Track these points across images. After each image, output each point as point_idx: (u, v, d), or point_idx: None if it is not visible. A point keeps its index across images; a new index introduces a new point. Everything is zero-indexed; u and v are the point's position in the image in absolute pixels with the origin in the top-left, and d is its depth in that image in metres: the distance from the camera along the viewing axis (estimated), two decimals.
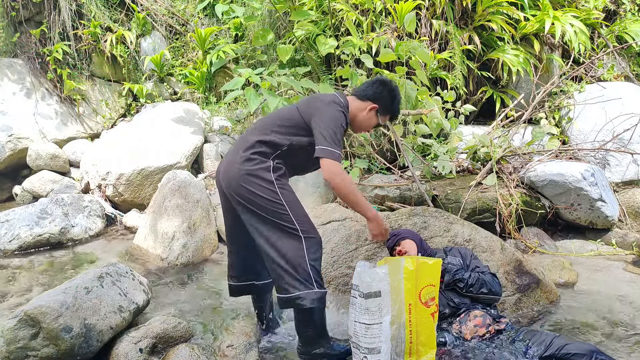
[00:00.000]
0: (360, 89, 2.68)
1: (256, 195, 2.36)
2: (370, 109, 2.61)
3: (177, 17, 7.01)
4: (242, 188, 2.38)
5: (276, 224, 2.36)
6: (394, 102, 2.67)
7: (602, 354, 2.31)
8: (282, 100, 4.22)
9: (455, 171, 4.69)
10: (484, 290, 2.73)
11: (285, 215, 2.36)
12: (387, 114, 2.68)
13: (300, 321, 2.45)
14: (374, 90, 2.63)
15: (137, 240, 4.33)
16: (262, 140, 2.44)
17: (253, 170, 2.38)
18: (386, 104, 2.64)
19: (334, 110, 2.45)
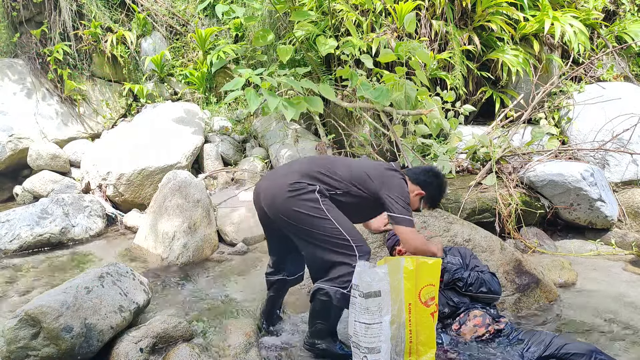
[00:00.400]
0: (414, 172, 2.81)
1: (303, 214, 2.49)
2: (417, 194, 2.72)
3: (177, 17, 7.02)
4: (288, 209, 2.52)
5: (324, 236, 2.48)
6: (440, 195, 2.81)
7: (601, 353, 2.32)
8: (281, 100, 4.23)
9: (455, 171, 4.70)
10: (483, 289, 2.73)
11: (334, 229, 2.48)
12: (429, 202, 2.80)
13: (316, 312, 2.53)
14: (426, 178, 2.76)
15: (138, 240, 4.34)
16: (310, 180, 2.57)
17: (299, 195, 2.51)
18: (433, 195, 2.77)
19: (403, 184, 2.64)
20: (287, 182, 2.56)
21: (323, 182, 2.58)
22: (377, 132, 5.17)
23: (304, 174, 2.58)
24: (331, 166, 2.66)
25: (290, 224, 2.54)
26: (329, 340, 2.53)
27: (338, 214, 2.55)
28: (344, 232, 2.49)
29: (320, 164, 2.67)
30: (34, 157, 5.61)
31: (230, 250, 4.26)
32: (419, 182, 2.74)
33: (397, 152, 4.89)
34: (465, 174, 4.82)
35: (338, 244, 2.47)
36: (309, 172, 2.60)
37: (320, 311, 2.52)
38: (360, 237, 2.57)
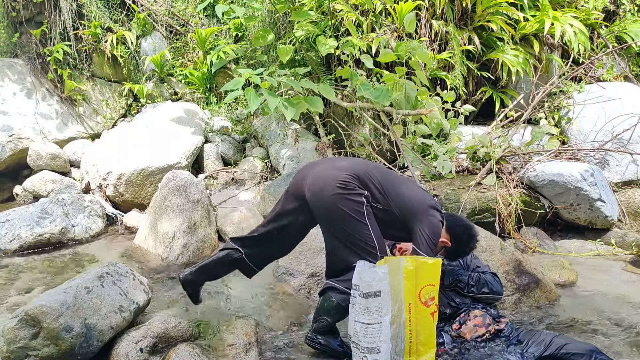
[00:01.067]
0: (455, 221, 2.81)
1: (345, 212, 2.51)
2: (443, 242, 2.71)
3: (177, 17, 7.02)
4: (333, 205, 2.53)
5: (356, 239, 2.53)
6: (464, 252, 2.82)
7: (601, 353, 2.32)
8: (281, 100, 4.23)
9: (454, 171, 4.70)
10: (485, 290, 2.74)
11: (368, 235, 2.53)
12: (448, 254, 2.81)
13: (323, 307, 2.57)
14: (462, 233, 2.76)
15: (138, 240, 4.34)
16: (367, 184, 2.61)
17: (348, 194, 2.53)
18: (456, 250, 2.78)
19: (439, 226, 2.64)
20: (340, 177, 2.56)
21: (371, 191, 2.61)
22: (377, 132, 5.17)
23: (358, 176, 2.61)
24: (382, 180, 2.68)
25: (329, 218, 2.57)
26: (329, 336, 2.56)
27: (374, 223, 2.59)
28: (375, 240, 2.54)
29: (374, 174, 2.69)
30: (34, 157, 5.61)
31: None
32: (453, 233, 2.75)
33: (397, 152, 4.89)
34: (465, 174, 4.82)
35: (365, 250, 2.52)
36: (362, 176, 2.62)
37: (327, 308, 2.56)
38: (385, 248, 2.62)
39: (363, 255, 2.51)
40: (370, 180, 2.63)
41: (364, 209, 2.55)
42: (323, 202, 2.57)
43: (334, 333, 2.59)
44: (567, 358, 2.32)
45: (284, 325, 2.89)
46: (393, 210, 2.63)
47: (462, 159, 5.01)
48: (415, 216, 2.62)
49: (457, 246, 2.76)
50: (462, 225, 2.83)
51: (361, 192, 2.57)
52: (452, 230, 2.75)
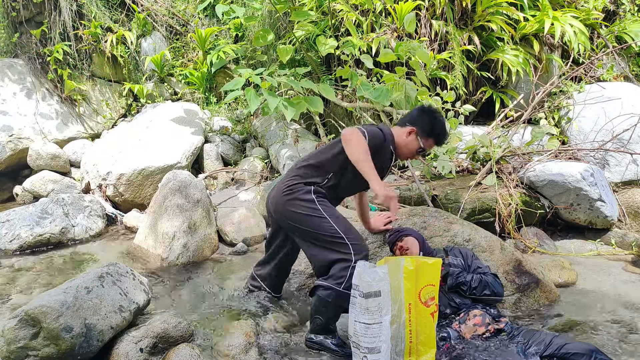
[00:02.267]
0: (402, 117, 2.87)
1: (300, 214, 2.60)
2: (409, 132, 2.72)
3: (177, 17, 7.02)
4: (288, 211, 2.64)
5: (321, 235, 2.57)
6: (434, 123, 2.74)
7: (601, 353, 2.32)
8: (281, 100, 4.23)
9: (454, 171, 4.70)
10: (486, 292, 2.74)
11: (330, 227, 2.56)
12: (429, 137, 2.74)
13: (314, 307, 2.61)
14: (411, 115, 2.80)
15: (138, 240, 4.34)
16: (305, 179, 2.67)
17: (295, 195, 2.63)
18: (424, 126, 2.72)
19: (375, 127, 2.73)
20: (284, 184, 2.68)
21: (316, 172, 2.66)
22: None
23: (298, 173, 2.69)
24: (317, 152, 2.77)
25: (292, 226, 2.66)
26: (325, 335, 2.58)
27: (334, 212, 2.63)
28: (339, 231, 2.55)
29: (309, 156, 2.79)
30: (34, 157, 5.61)
31: (230, 250, 4.26)
32: (406, 121, 2.77)
33: None
34: (465, 174, 4.82)
35: (334, 242, 2.55)
36: (301, 168, 2.70)
37: (317, 307, 2.60)
38: (357, 235, 2.63)
39: (334, 248, 2.54)
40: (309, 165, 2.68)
41: (316, 204, 2.58)
42: (281, 215, 2.67)
43: (330, 332, 2.60)
44: (567, 358, 2.32)
45: (283, 326, 2.88)
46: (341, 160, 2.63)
47: (462, 159, 5.01)
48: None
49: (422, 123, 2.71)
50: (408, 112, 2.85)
51: (308, 189, 2.61)
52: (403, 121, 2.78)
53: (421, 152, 2.78)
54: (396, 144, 2.74)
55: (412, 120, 2.75)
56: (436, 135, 2.75)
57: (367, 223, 3.25)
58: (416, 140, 2.72)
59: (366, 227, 3.27)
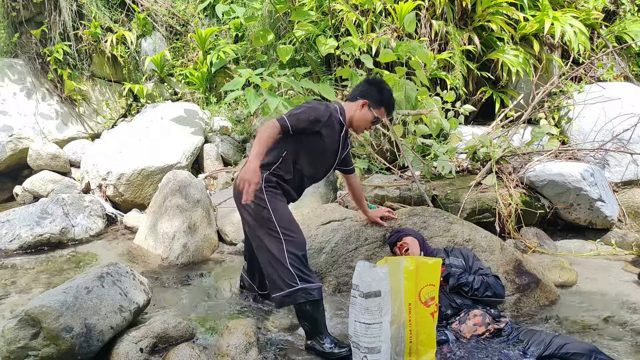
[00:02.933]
0: (351, 92, 2.88)
1: (248, 209, 2.63)
2: (362, 105, 2.77)
3: (177, 17, 7.02)
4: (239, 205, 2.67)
5: (263, 229, 2.59)
6: (382, 93, 2.80)
7: (601, 353, 2.32)
8: (281, 100, 4.23)
9: (455, 171, 4.70)
10: (488, 293, 2.74)
11: (269, 220, 2.57)
12: (380, 106, 2.80)
13: (297, 315, 2.63)
14: (361, 88, 2.83)
15: (138, 240, 4.34)
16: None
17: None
18: (374, 96, 2.78)
19: (315, 103, 2.67)
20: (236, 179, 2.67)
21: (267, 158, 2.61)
22: (377, 132, 5.17)
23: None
24: None
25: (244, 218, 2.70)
26: (316, 339, 2.58)
27: (278, 204, 2.62)
28: (277, 225, 2.56)
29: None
30: (34, 157, 5.61)
31: (230, 250, 4.25)
32: (356, 95, 2.80)
33: (397, 152, 4.90)
34: (465, 174, 4.82)
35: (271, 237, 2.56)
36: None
37: (299, 314, 2.61)
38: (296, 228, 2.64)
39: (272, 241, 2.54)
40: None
41: (263, 194, 2.58)
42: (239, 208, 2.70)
43: (321, 334, 2.58)
44: (567, 357, 2.32)
45: (283, 326, 2.89)
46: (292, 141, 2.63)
47: (462, 159, 5.01)
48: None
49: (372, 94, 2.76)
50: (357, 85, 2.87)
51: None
52: (353, 95, 2.81)
53: (375, 122, 2.85)
54: (351, 118, 2.79)
55: (362, 93, 2.80)
56: (386, 104, 2.83)
57: (364, 210, 3.29)
58: (369, 111, 2.78)
59: (364, 214, 3.32)
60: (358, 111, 2.78)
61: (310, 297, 2.50)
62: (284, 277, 2.51)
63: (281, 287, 2.53)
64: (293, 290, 2.50)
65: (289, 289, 2.51)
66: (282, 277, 2.52)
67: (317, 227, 3.54)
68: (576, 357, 2.30)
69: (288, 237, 2.56)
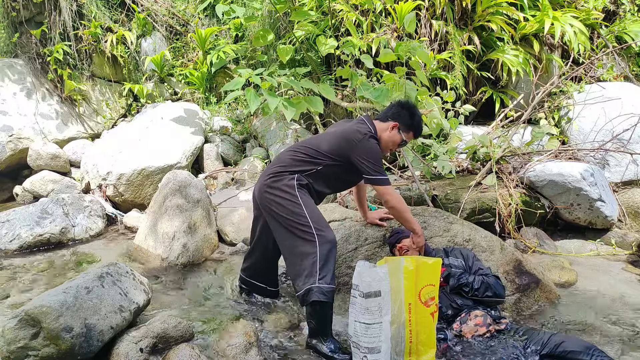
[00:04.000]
0: (382, 112, 2.98)
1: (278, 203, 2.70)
2: (392, 127, 2.87)
3: (177, 17, 7.02)
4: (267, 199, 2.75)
5: (293, 226, 2.65)
6: (414, 118, 2.91)
7: (598, 350, 2.32)
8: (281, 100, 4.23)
9: (455, 171, 4.70)
10: (488, 293, 2.75)
11: (302, 215, 2.64)
12: (410, 130, 2.91)
13: (307, 313, 2.65)
14: (393, 110, 2.92)
15: (138, 240, 4.34)
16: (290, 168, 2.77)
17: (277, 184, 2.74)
18: (406, 121, 2.88)
19: (371, 143, 2.75)
20: (269, 171, 2.79)
21: (301, 164, 2.76)
22: None
23: (283, 161, 2.79)
24: (309, 142, 2.86)
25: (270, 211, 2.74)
26: (320, 338, 2.60)
27: (310, 202, 2.71)
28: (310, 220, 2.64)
29: (299, 145, 2.87)
30: (34, 157, 5.61)
31: (230, 250, 4.26)
32: (389, 116, 2.89)
33: (397, 152, 4.90)
34: (465, 174, 4.82)
35: (304, 232, 2.62)
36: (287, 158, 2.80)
37: (309, 312, 2.63)
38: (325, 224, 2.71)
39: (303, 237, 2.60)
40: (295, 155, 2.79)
41: (295, 192, 2.68)
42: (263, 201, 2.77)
43: (325, 335, 2.60)
44: (565, 355, 2.32)
45: (284, 326, 2.89)
46: (330, 161, 2.76)
47: (462, 159, 5.01)
48: (347, 150, 2.74)
49: (403, 118, 2.86)
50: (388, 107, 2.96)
51: (291, 176, 2.72)
52: (386, 116, 2.90)
53: (403, 144, 2.94)
54: (380, 138, 2.86)
55: (394, 115, 2.88)
56: (416, 129, 2.93)
57: (364, 211, 3.40)
58: (399, 134, 2.87)
59: (363, 217, 3.42)
60: (388, 132, 2.86)
61: (323, 297, 2.53)
62: (307, 274, 2.57)
63: (301, 286, 2.59)
64: (309, 289, 2.54)
65: (307, 286, 2.55)
66: (305, 275, 2.57)
67: None
68: (574, 354, 2.30)
69: (320, 233, 2.62)
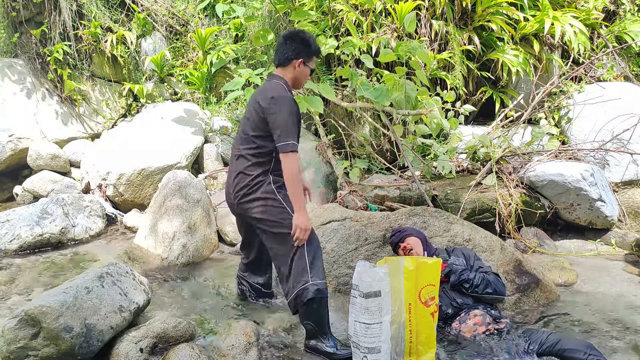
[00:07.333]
0: (279, 58, 2.79)
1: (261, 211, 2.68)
2: (298, 64, 2.76)
3: (177, 17, 7.02)
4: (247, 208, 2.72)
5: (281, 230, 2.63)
6: (309, 43, 2.79)
7: (595, 350, 2.33)
8: None
9: (454, 171, 4.70)
10: (489, 290, 2.75)
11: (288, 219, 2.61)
12: (312, 56, 2.82)
13: (300, 314, 2.63)
14: (289, 48, 2.76)
15: (138, 240, 4.34)
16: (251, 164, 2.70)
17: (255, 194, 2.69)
18: (305, 52, 2.78)
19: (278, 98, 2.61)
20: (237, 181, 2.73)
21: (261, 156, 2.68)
22: (377, 132, 5.17)
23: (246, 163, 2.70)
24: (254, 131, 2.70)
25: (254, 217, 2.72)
26: (319, 338, 2.59)
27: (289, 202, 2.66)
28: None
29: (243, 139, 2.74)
30: (34, 157, 5.61)
31: (230, 250, 4.26)
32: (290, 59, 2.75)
33: (397, 152, 4.90)
34: (465, 174, 4.83)
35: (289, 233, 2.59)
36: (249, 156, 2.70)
37: (303, 312, 2.61)
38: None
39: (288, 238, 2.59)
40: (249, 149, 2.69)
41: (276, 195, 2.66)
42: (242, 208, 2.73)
43: (324, 334, 2.59)
44: (562, 353, 2.34)
45: (284, 326, 2.88)
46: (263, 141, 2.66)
47: (462, 159, 5.01)
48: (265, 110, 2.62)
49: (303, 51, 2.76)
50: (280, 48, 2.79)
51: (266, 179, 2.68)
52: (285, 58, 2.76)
53: (312, 72, 2.95)
54: (292, 82, 2.80)
55: (293, 53, 2.75)
56: (316, 52, 2.85)
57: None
58: (306, 66, 2.80)
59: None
60: (297, 71, 2.77)
61: (319, 294, 2.54)
62: (297, 278, 2.56)
63: (291, 291, 2.58)
64: (302, 289, 2.54)
65: (298, 288, 2.54)
66: (295, 278, 2.57)
67: (317, 227, 3.54)
68: (571, 352, 2.32)
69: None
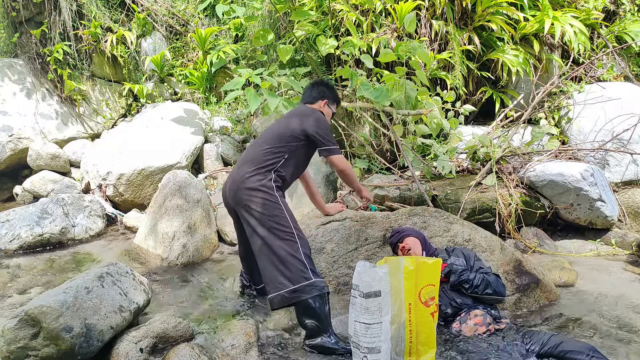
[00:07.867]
0: (308, 96, 3.22)
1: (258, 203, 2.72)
2: (324, 104, 3.19)
3: (177, 17, 7.02)
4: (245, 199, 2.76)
5: (273, 228, 2.67)
6: (333, 91, 3.27)
7: (597, 352, 2.32)
8: (282, 100, 4.23)
9: (455, 171, 4.70)
10: (488, 290, 2.74)
11: (283, 218, 2.68)
12: (335, 102, 3.27)
13: (299, 313, 2.62)
14: (317, 90, 3.21)
15: (138, 240, 4.34)
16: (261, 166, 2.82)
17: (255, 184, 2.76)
18: (330, 96, 3.22)
19: (320, 115, 3.00)
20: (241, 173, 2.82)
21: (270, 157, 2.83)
22: (377, 132, 5.17)
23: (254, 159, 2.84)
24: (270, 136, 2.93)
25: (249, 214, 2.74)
26: (322, 336, 2.58)
27: (286, 204, 2.78)
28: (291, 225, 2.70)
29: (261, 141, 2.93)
30: (34, 157, 5.61)
31: (230, 250, 4.26)
32: (316, 97, 3.17)
33: (397, 152, 4.90)
34: (465, 174, 4.83)
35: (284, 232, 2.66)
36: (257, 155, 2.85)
37: (302, 311, 2.61)
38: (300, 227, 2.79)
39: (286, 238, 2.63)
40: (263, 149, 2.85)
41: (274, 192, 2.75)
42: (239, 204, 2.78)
43: (326, 331, 2.59)
44: (564, 355, 2.32)
45: (283, 325, 2.89)
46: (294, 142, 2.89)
47: (462, 159, 5.01)
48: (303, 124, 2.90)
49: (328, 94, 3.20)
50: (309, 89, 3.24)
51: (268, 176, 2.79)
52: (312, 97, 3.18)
53: (333, 116, 3.30)
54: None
55: (319, 95, 3.18)
56: (338, 100, 3.32)
57: (321, 207, 3.61)
58: (329, 108, 3.21)
59: (320, 211, 3.64)
60: (324, 110, 3.16)
61: (323, 290, 2.57)
62: (294, 273, 2.58)
63: (286, 284, 2.57)
64: (304, 285, 2.55)
65: (300, 283, 2.56)
66: (291, 273, 2.58)
67: (317, 227, 3.54)
68: (572, 354, 2.30)
69: (300, 235, 2.70)
